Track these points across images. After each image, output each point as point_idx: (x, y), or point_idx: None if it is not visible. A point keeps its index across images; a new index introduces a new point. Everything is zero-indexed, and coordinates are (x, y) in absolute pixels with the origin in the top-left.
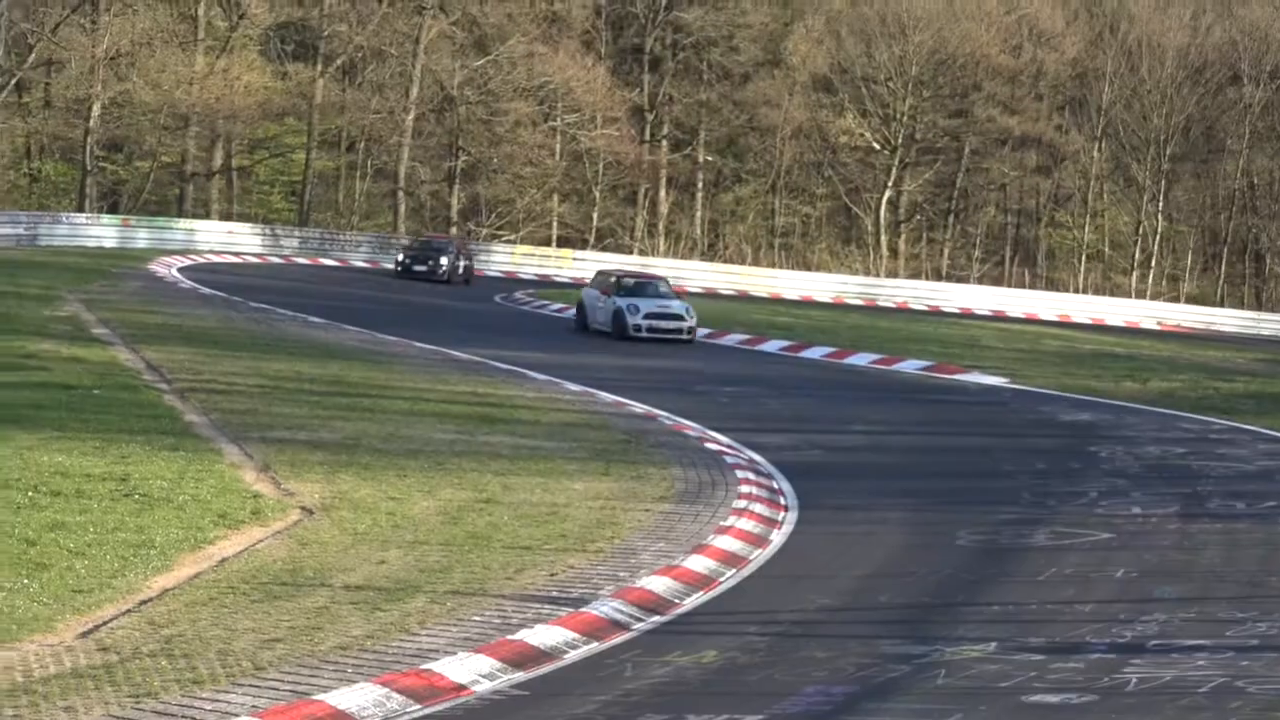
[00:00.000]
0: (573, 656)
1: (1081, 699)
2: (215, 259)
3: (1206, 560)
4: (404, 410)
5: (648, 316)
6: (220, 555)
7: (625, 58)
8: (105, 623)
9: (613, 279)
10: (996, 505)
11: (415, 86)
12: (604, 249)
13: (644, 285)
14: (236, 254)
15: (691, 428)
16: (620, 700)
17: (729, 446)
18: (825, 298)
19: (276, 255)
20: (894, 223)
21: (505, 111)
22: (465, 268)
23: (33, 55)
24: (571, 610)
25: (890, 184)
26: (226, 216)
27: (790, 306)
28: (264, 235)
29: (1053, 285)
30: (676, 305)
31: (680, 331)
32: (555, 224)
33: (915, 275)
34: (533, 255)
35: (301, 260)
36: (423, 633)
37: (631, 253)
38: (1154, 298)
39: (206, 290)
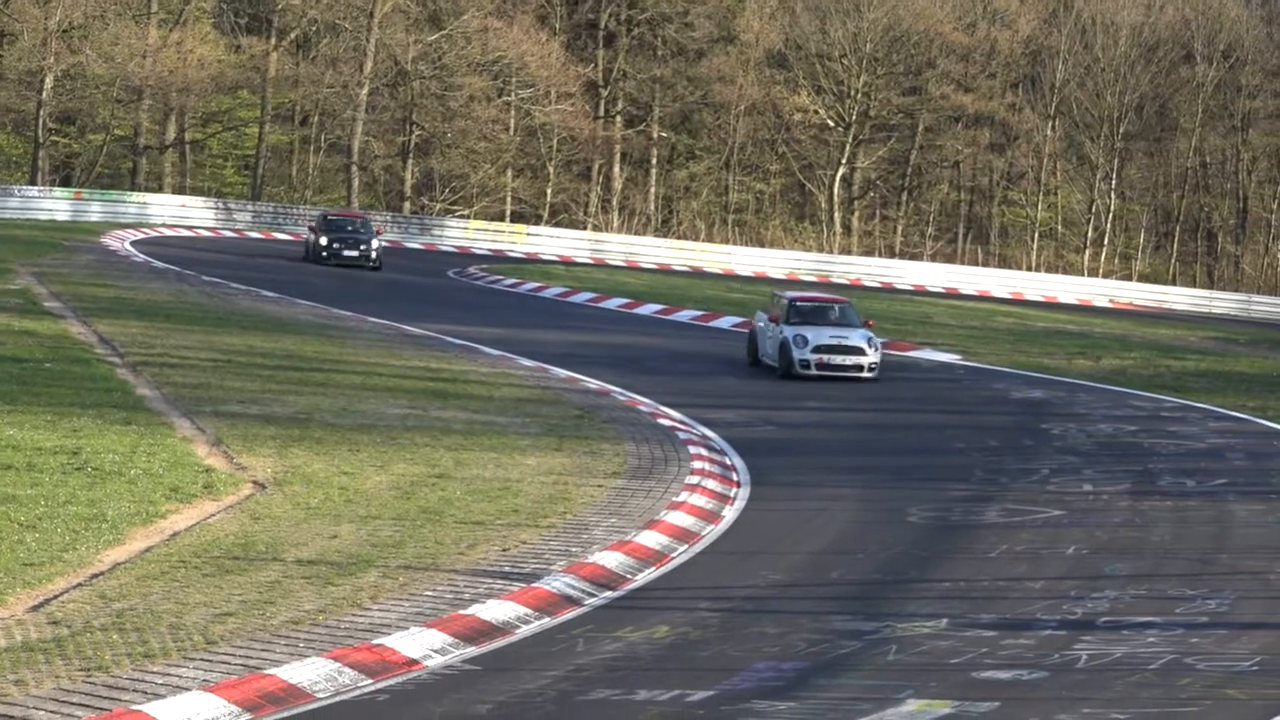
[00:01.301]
0: (524, 632)
1: (1032, 675)
2: (168, 233)
3: (1157, 538)
4: (357, 385)
5: (817, 350)
6: (172, 529)
7: (580, 33)
8: (56, 596)
9: (785, 302)
10: (948, 482)
11: (369, 61)
12: (558, 224)
13: (820, 310)
14: (189, 228)
15: (644, 403)
16: (572, 675)
17: (682, 422)
18: (779, 274)
19: (229, 229)
20: (847, 199)
21: (459, 86)
22: (379, 250)
23: None
24: (523, 585)
25: (844, 161)
26: (179, 190)
27: (744, 283)
28: (217, 209)
29: (1005, 263)
30: (856, 336)
31: (859, 369)
32: (509, 199)
33: (868, 252)
34: (486, 230)
35: (254, 234)
36: (375, 607)
37: (585, 228)
38: (1106, 275)
39: (159, 264)
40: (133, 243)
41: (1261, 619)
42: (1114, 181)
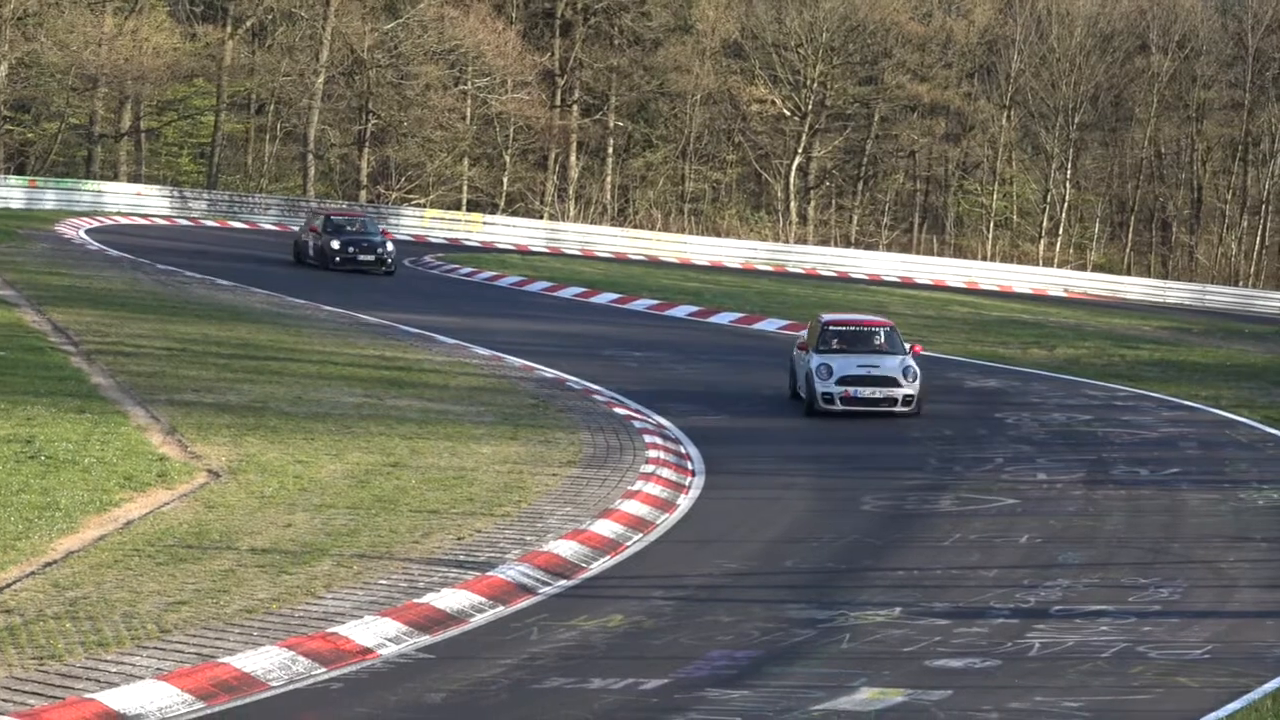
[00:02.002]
0: (479, 620)
1: (985, 664)
2: (123, 221)
3: (1110, 526)
4: (311, 373)
5: (843, 382)
6: (126, 518)
7: (536, 22)
8: (9, 585)
9: (818, 326)
10: (902, 471)
11: (325, 49)
12: (514, 213)
13: (858, 335)
14: (144, 216)
15: (600, 392)
16: (526, 664)
17: (637, 411)
18: (734, 264)
19: (185, 217)
20: (803, 189)
21: (415, 75)
22: (394, 254)
23: None
24: (478, 574)
25: (800, 150)
26: (135, 178)
27: (699, 272)
28: (172, 197)
29: (961, 252)
30: (891, 364)
31: (892, 402)
32: (465, 188)
33: (824, 241)
34: (442, 219)
35: (210, 223)
36: (329, 596)
37: (541, 217)
38: (1061, 265)
39: (114, 252)
40: (87, 231)
41: (1213, 607)
42: (1069, 171)
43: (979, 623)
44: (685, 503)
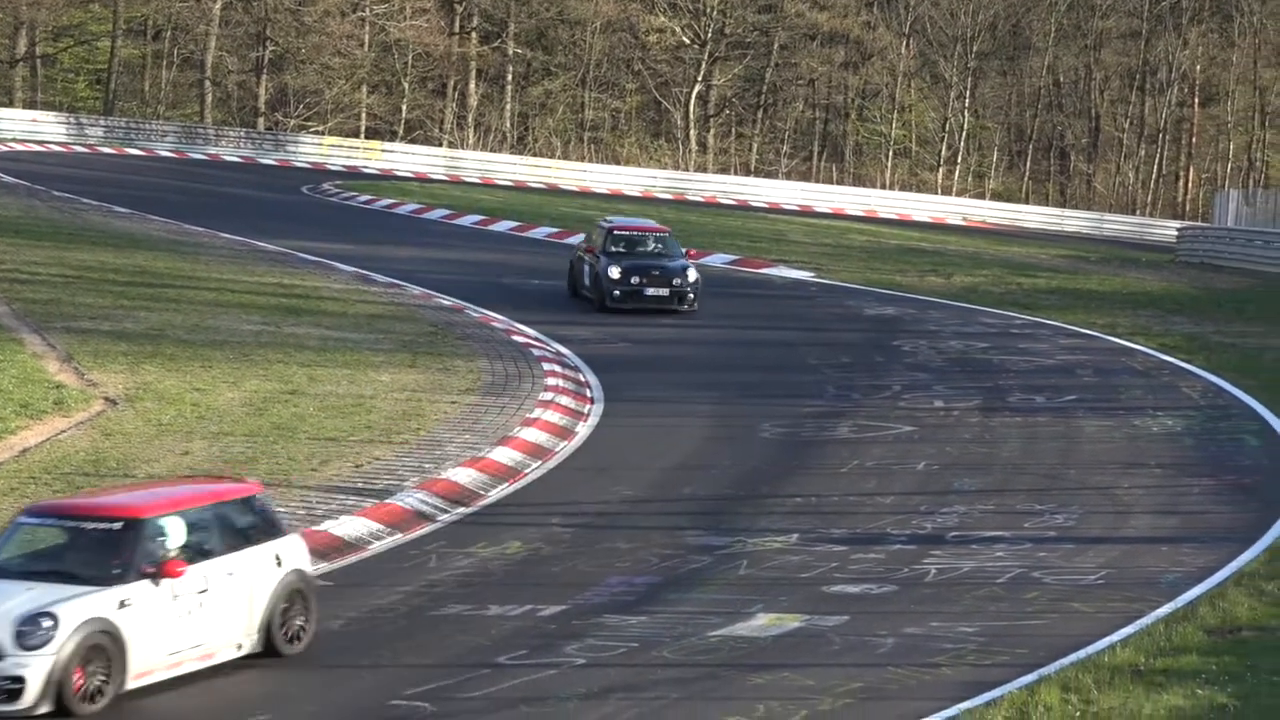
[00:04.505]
0: (377, 547)
1: (881, 589)
2: (18, 148)
3: (1006, 453)
4: (209, 301)
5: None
6: (22, 445)
7: None
8: None
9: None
10: (800, 399)
11: None
12: (413, 141)
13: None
14: (40, 143)
15: (499, 320)
16: (424, 591)
17: (536, 339)
18: (634, 192)
19: (81, 145)
20: (703, 117)
21: (313, 1)
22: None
23: None
24: (376, 502)
25: (700, 79)
26: (30, 105)
27: (599, 200)
28: (68, 124)
29: (860, 181)
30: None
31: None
32: (364, 116)
33: (724, 170)
34: (341, 147)
35: (107, 150)
36: None
37: (441, 145)
38: (960, 194)
39: (9, 179)
40: None
41: (1107, 533)
42: (967, 100)
43: (876, 549)
44: (584, 430)
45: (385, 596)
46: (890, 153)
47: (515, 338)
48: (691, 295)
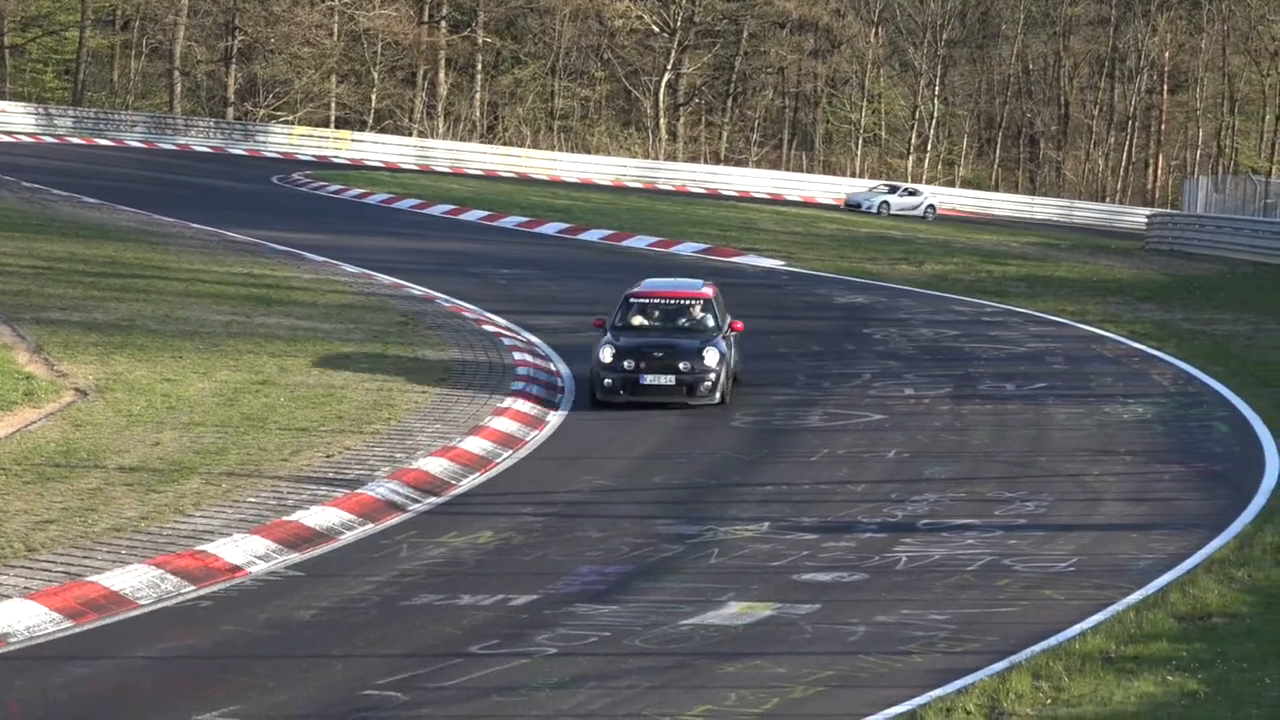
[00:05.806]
0: (348, 538)
1: (852, 577)
2: None
3: (977, 441)
4: (179, 291)
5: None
6: None
7: None
8: None
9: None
10: (771, 387)
11: None
12: (383, 130)
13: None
14: (8, 133)
15: (469, 310)
16: (396, 581)
17: (507, 329)
18: (604, 181)
19: (50, 135)
20: (673, 106)
21: None
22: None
23: None
24: (347, 491)
25: (669, 67)
26: None
27: (569, 189)
28: (37, 115)
29: (830, 169)
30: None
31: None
32: (334, 105)
33: (694, 158)
34: (311, 137)
35: (76, 140)
36: (198, 514)
37: (410, 134)
38: (930, 182)
39: None
40: None
41: (1078, 520)
42: (937, 88)
43: (846, 537)
44: (555, 419)
45: (356, 587)
46: (860, 141)
47: (486, 327)
48: (708, 384)
